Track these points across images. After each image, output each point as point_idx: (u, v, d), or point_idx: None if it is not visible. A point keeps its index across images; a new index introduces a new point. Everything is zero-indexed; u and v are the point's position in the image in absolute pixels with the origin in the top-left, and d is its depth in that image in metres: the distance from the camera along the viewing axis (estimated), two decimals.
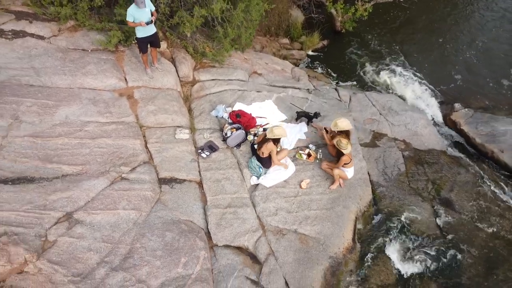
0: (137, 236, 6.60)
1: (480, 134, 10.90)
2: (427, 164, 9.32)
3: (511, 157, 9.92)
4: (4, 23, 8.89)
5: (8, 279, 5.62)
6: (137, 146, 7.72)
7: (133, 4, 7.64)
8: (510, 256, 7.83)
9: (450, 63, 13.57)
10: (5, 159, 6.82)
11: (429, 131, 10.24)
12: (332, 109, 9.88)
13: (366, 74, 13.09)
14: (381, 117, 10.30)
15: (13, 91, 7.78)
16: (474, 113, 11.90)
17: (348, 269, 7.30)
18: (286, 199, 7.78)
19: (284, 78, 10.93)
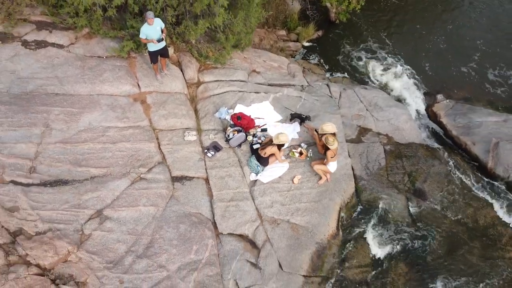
0: (156, 228, 7.98)
1: (457, 126, 12.08)
2: (405, 158, 10.58)
3: (482, 150, 11.15)
4: (27, 34, 9.86)
5: (56, 267, 7.04)
6: (152, 148, 8.95)
7: (145, 23, 8.61)
8: (469, 240, 9.27)
9: (438, 54, 14.43)
10: (42, 164, 8.07)
11: (410, 125, 11.42)
12: (323, 107, 11.01)
13: (357, 66, 14.07)
14: (367, 113, 11.44)
15: (42, 101, 8.90)
16: (455, 104, 12.99)
17: (331, 252, 8.75)
18: (280, 193, 9.10)
19: (280, 75, 11.96)
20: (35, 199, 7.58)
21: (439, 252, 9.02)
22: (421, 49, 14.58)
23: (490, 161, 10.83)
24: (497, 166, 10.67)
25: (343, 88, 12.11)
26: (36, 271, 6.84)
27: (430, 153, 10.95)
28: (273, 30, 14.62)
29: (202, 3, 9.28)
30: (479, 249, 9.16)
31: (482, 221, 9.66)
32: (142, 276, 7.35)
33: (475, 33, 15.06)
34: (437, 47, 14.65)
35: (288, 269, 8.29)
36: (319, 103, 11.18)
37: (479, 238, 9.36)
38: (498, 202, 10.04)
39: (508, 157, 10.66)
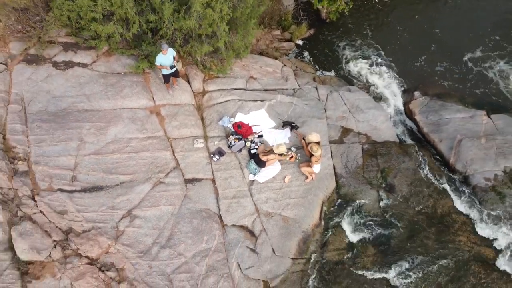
0: (174, 224, 10.06)
1: (428, 124, 13.91)
2: (380, 155, 12.50)
3: (447, 146, 13.08)
4: (56, 55, 11.44)
5: (100, 258, 9.18)
6: (168, 156, 10.85)
7: (160, 53, 10.23)
8: (427, 226, 11.41)
9: (419, 52, 15.81)
10: (81, 173, 10.02)
11: (386, 125, 13.24)
12: (311, 111, 12.77)
13: (344, 64, 15.62)
14: (349, 114, 13.23)
15: (75, 117, 10.68)
16: (429, 101, 14.69)
17: (315, 239, 10.91)
18: (274, 191, 11.12)
19: (275, 80, 13.61)
20: (78, 203, 9.60)
21: (402, 237, 11.19)
22: (404, 47, 16.02)
23: (452, 157, 12.80)
24: (457, 162, 12.66)
25: (330, 91, 13.79)
26: (86, 261, 9.00)
27: (402, 150, 12.87)
28: (269, 30, 16.00)
29: (207, 30, 10.83)
30: (434, 234, 11.32)
31: (440, 210, 11.77)
32: (166, 262, 9.53)
33: (455, 32, 16.32)
34: (418, 46, 16.05)
35: (279, 253, 10.48)
36: (308, 107, 12.94)
37: (436, 225, 11.50)
38: (455, 193, 12.11)
39: (467, 154, 12.62)
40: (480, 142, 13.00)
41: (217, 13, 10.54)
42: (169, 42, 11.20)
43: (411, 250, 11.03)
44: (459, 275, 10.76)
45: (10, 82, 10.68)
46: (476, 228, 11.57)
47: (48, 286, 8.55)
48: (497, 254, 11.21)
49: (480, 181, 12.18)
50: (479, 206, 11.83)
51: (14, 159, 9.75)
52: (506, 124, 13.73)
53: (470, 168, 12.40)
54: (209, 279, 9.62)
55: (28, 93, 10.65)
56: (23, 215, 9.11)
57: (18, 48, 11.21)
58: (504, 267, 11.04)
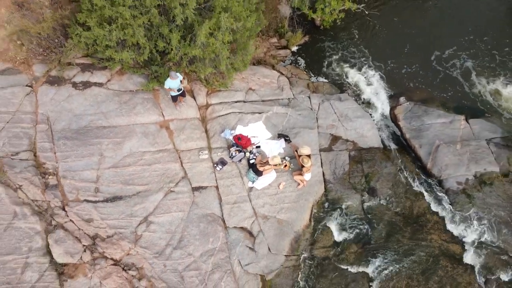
0: (184, 227, 11.71)
1: (411, 130, 15.33)
2: (365, 161, 14.04)
3: (425, 152, 14.57)
4: (74, 76, 12.77)
5: (123, 259, 10.88)
6: (177, 167, 12.38)
7: (169, 78, 11.59)
8: (403, 226, 13.07)
9: (406, 58, 17.05)
10: (102, 185, 11.59)
11: (372, 133, 14.69)
12: (304, 121, 14.19)
13: (336, 70, 16.89)
14: (339, 123, 14.65)
15: (95, 134, 12.14)
16: (413, 106, 16.05)
17: (305, 238, 12.61)
18: (270, 196, 12.72)
19: (271, 90, 14.95)
20: (102, 212, 11.22)
21: (381, 236, 12.88)
22: (392, 55, 17.23)
23: (430, 162, 14.33)
24: (434, 167, 14.20)
25: (322, 100, 15.15)
26: (112, 262, 10.72)
27: (385, 156, 14.39)
28: (266, 38, 17.17)
29: (210, 55, 12.12)
30: (410, 233, 13.01)
31: (415, 211, 13.42)
32: (177, 261, 11.25)
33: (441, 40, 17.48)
34: (405, 53, 17.28)
35: (274, 251, 12.20)
36: (301, 117, 14.36)
37: (411, 224, 13.17)
38: (430, 196, 13.71)
39: (443, 159, 14.14)
40: (455, 148, 14.50)
41: (219, 42, 11.79)
42: (176, 63, 12.51)
43: (388, 247, 12.74)
44: (429, 269, 12.51)
45: (36, 103, 12.07)
46: (446, 227, 13.25)
47: (81, 285, 10.29)
48: (464, 250, 12.92)
49: (453, 185, 13.76)
50: (450, 207, 13.46)
51: (45, 174, 11.30)
52: (482, 129, 15.21)
53: (445, 173, 13.96)
54: (214, 275, 11.37)
55: (52, 113, 12.07)
56: (56, 224, 10.75)
57: (41, 70, 12.53)
58: (469, 261, 12.77)
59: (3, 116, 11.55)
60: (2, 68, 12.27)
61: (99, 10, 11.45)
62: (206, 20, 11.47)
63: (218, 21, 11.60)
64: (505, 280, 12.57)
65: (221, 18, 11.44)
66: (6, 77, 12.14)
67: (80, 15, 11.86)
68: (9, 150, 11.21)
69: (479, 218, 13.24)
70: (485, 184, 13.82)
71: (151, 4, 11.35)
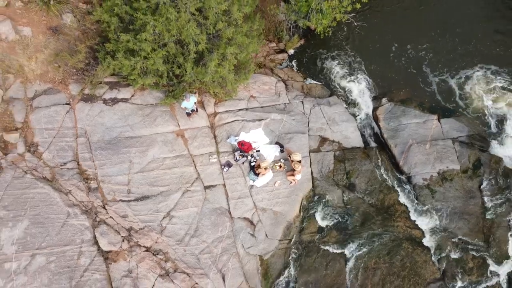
0: (198, 220, 14.76)
1: (388, 130, 17.93)
2: (347, 160, 16.80)
3: (399, 151, 17.29)
4: (104, 93, 15.20)
5: (153, 246, 14.04)
6: (192, 170, 15.20)
7: (185, 100, 14.10)
8: (375, 215, 16.09)
9: (391, 62, 19.23)
10: (133, 187, 14.49)
11: (355, 135, 17.32)
12: (297, 126, 16.77)
13: (328, 73, 19.19)
14: (327, 126, 17.24)
15: (124, 143, 14.83)
16: (393, 107, 18.53)
17: (295, 225, 15.71)
18: (267, 192, 15.65)
19: (270, 97, 17.38)
20: (134, 209, 14.22)
21: (356, 223, 15.96)
22: (378, 60, 19.37)
23: (402, 160, 17.09)
24: (405, 164, 16.99)
25: (313, 105, 17.62)
26: (144, 249, 13.87)
27: (365, 155, 17.14)
28: (266, 42, 19.25)
29: (218, 78, 14.52)
30: (380, 221, 16.07)
31: (387, 202, 16.40)
32: (194, 247, 14.41)
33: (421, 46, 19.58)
34: (389, 58, 19.41)
35: (270, 236, 15.34)
36: (295, 122, 16.93)
37: (382, 214, 16.21)
38: (399, 189, 16.63)
39: (413, 158, 16.90)
40: (425, 147, 17.19)
41: (226, 69, 14.13)
42: (189, 84, 14.91)
43: (362, 233, 15.87)
44: (394, 250, 15.71)
45: (75, 119, 14.65)
46: (410, 216, 16.30)
47: (122, 266, 13.53)
48: (423, 235, 16.06)
49: (419, 181, 16.64)
50: (416, 199, 16.43)
51: (87, 180, 14.16)
52: (451, 128, 17.81)
53: (413, 170, 16.78)
54: (223, 256, 14.59)
55: (88, 127, 14.69)
56: (100, 220, 13.79)
57: (76, 89, 14.96)
58: (427, 244, 15.96)
59: (50, 132, 14.18)
60: (44, 88, 14.69)
61: (125, 42, 13.67)
62: (215, 52, 13.76)
63: (225, 52, 13.87)
64: (454, 258, 15.81)
65: (227, 51, 13.71)
66: (48, 96, 14.60)
67: (108, 45, 14.07)
68: (58, 161, 13.97)
69: (437, 209, 16.27)
70: (446, 180, 16.68)
71: (169, 39, 13.56)
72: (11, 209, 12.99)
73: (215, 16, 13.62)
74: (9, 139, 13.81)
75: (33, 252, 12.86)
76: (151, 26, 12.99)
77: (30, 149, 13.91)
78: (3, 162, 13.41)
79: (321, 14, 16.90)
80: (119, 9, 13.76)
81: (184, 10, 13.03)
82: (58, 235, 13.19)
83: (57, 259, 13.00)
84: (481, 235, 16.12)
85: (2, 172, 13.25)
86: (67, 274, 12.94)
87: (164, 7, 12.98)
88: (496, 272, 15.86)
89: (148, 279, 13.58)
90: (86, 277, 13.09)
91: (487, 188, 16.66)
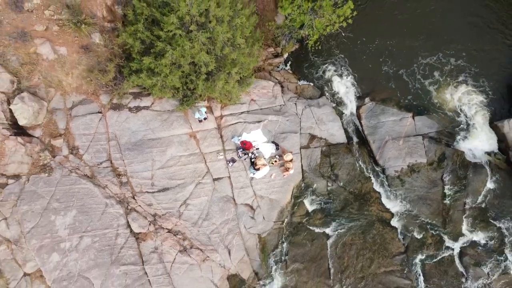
0: (209, 206, 18.30)
1: (369, 127, 21.04)
2: (332, 155, 20.09)
3: (376, 146, 20.49)
4: (129, 102, 18.23)
5: (173, 228, 17.70)
6: (203, 166, 18.54)
7: (197, 111, 17.20)
8: (353, 201, 19.61)
9: (375, 67, 21.88)
10: (156, 181, 17.90)
11: (339, 132, 20.47)
12: (290, 126, 19.89)
13: (319, 75, 21.98)
14: (316, 125, 20.35)
15: (147, 145, 18.07)
16: (374, 106, 21.52)
17: (287, 210, 19.28)
18: (265, 183, 19.07)
19: (268, 99, 20.36)
20: (157, 199, 17.72)
21: (337, 208, 19.51)
22: (364, 64, 22.00)
23: (378, 155, 20.35)
24: (380, 158, 20.26)
25: (305, 106, 20.62)
26: (167, 231, 17.52)
27: (347, 150, 20.39)
28: (265, 47, 21.89)
29: (224, 90, 17.51)
30: (357, 206, 19.61)
31: (363, 190, 19.86)
32: (206, 228, 18.05)
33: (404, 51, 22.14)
34: (374, 63, 22.03)
35: (267, 219, 18.95)
36: (289, 122, 20.04)
37: (359, 200, 19.71)
38: (375, 179, 20.02)
39: (388, 153, 20.16)
40: (399, 143, 20.38)
41: (231, 85, 17.09)
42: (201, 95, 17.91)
43: (342, 216, 19.46)
44: (367, 229, 19.36)
45: (106, 125, 17.80)
46: (383, 201, 19.80)
47: (149, 245, 17.22)
48: (392, 217, 19.66)
49: (392, 172, 19.99)
50: (388, 188, 19.87)
51: (119, 175, 17.54)
52: (423, 125, 20.90)
53: (387, 163, 20.08)
54: (229, 235, 18.27)
55: (118, 131, 17.87)
56: (131, 208, 17.33)
57: (106, 99, 17.98)
58: (395, 224, 19.58)
59: (87, 137, 17.40)
60: (80, 99, 17.72)
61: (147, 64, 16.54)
62: (221, 73, 16.67)
63: (230, 72, 16.79)
64: (417, 237, 19.48)
65: (232, 71, 16.63)
66: (84, 106, 17.66)
67: (133, 64, 16.93)
68: (95, 161, 17.30)
69: (405, 196, 19.73)
70: (414, 171, 20.02)
71: (185, 62, 16.42)
72: (62, 201, 16.48)
73: (221, 43, 16.38)
74: (55, 143, 17.04)
75: (81, 234, 16.51)
76: (170, 54, 15.80)
77: (72, 152, 17.18)
78: (53, 163, 16.75)
79: (312, 29, 19.48)
80: (141, 34, 16.47)
81: (197, 40, 15.77)
82: (99, 221, 16.77)
83: (100, 239, 16.67)
84: (440, 217, 19.68)
85: (53, 172, 16.61)
86: (108, 251, 16.66)
87: (180, 38, 15.73)
88: (451, 247, 19.57)
89: (170, 254, 17.33)
90: (122, 253, 16.82)
91: (448, 178, 20.01)
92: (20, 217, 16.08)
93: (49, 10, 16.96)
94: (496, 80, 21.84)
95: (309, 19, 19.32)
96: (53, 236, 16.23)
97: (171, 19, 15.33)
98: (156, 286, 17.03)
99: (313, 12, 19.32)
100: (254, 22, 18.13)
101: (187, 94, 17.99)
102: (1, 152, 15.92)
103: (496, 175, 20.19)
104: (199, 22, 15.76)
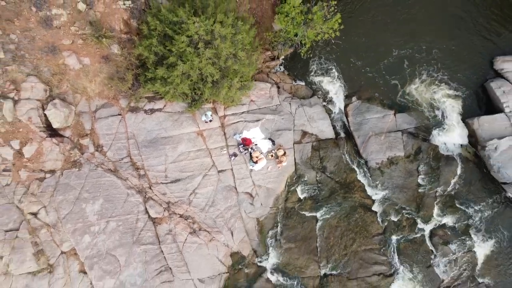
0: (215, 195, 21.36)
1: (354, 123, 23.83)
2: (321, 149, 22.97)
3: (361, 141, 23.32)
4: (144, 105, 20.99)
5: (184, 213, 20.83)
6: (209, 160, 21.47)
7: (204, 115, 20.01)
8: (339, 190, 22.62)
9: (362, 68, 24.45)
10: (169, 173, 20.89)
11: (329, 129, 23.26)
12: (285, 124, 22.70)
13: (311, 76, 24.60)
14: (308, 123, 23.13)
15: (161, 142, 20.96)
16: (360, 104, 24.25)
17: (282, 197, 22.34)
18: (262, 174, 22.04)
19: (265, 100, 23.08)
20: (170, 189, 20.76)
21: (325, 195, 22.54)
22: (352, 66, 24.55)
23: (362, 149, 23.24)
24: (364, 152, 23.15)
25: (298, 105, 23.34)
26: (179, 216, 20.65)
27: (335, 144, 23.26)
28: (263, 51, 24.42)
29: (227, 95, 20.25)
30: (342, 193, 22.63)
31: (348, 180, 22.87)
32: (212, 213, 21.16)
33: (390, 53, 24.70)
34: (362, 64, 24.61)
35: (264, 205, 22.03)
36: (284, 120, 22.83)
37: (344, 188, 22.74)
38: (358, 170, 22.99)
39: (370, 147, 23.04)
40: (381, 139, 23.22)
41: (233, 91, 19.82)
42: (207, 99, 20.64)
43: (329, 202, 22.53)
44: (351, 214, 22.46)
45: (125, 126, 20.64)
46: (366, 189, 22.83)
47: (165, 228, 20.38)
48: (373, 203, 22.74)
49: (373, 164, 22.93)
50: (369, 178, 22.87)
51: (137, 169, 20.53)
52: (403, 121, 23.70)
53: (370, 157, 22.99)
54: (231, 220, 21.41)
55: (135, 131, 20.72)
56: (148, 197, 20.40)
57: (125, 103, 20.75)
58: (375, 209, 22.68)
59: (110, 136, 20.27)
60: (102, 103, 20.50)
61: (160, 73, 19.22)
62: (225, 81, 19.38)
63: (233, 80, 19.50)
64: (394, 220, 22.62)
65: (234, 80, 19.34)
66: (106, 109, 20.45)
67: (148, 73, 19.60)
68: (117, 157, 20.25)
69: (384, 185, 22.74)
70: (393, 163, 22.96)
71: (194, 73, 19.10)
72: (91, 192, 19.55)
73: (225, 56, 19.02)
74: (83, 142, 19.94)
75: (107, 219, 19.65)
76: (181, 67, 18.47)
77: (97, 149, 20.10)
78: (82, 160, 19.71)
79: (304, 38, 22.03)
80: (155, 48, 19.08)
81: (204, 56, 18.41)
82: (122, 208, 19.88)
83: (123, 223, 19.83)
84: (414, 203, 22.75)
85: (82, 167, 19.59)
86: (130, 233, 19.84)
87: (189, 54, 18.36)
88: (423, 228, 22.72)
89: (182, 235, 20.52)
90: (142, 234, 20.01)
91: (423, 169, 22.96)
92: (56, 205, 19.17)
93: (74, 26, 19.50)
94: (471, 79, 24.48)
95: (302, 31, 21.79)
96: (84, 221, 19.37)
97: (181, 38, 17.91)
98: (171, 261, 20.29)
99: (305, 24, 21.77)
100: (253, 34, 20.63)
101: (195, 98, 20.71)
102: (39, 152, 18.86)
103: (465, 166, 23.10)
104: (206, 40, 18.33)
